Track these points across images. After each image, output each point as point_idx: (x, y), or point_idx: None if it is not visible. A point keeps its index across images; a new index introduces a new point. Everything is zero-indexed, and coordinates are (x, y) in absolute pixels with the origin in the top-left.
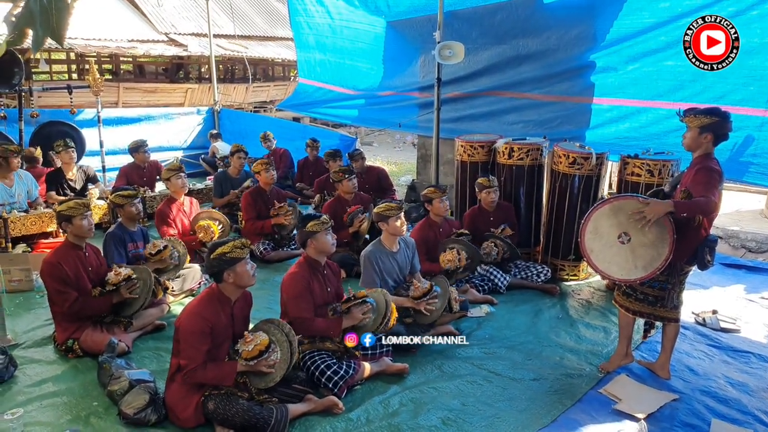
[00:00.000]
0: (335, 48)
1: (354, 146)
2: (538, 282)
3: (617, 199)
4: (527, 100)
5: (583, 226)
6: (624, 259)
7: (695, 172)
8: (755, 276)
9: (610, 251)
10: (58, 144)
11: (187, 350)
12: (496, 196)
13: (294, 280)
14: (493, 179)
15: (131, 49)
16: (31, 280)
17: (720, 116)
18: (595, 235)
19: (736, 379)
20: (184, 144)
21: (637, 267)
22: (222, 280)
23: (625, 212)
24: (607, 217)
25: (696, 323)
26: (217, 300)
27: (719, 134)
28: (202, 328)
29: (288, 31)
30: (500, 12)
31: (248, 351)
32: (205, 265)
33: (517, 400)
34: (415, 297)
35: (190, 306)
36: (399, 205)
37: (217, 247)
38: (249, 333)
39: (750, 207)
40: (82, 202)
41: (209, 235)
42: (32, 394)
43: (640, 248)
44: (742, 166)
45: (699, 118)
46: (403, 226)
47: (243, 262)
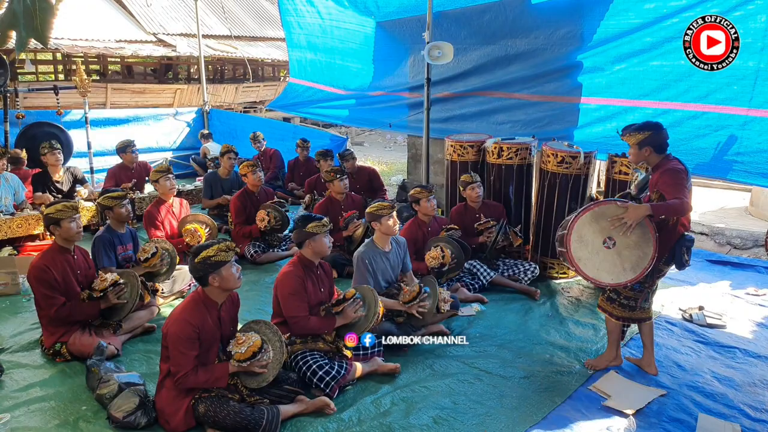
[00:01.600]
0: (326, 48)
1: (345, 146)
2: (526, 280)
3: (596, 205)
4: (516, 100)
5: (567, 236)
6: (612, 263)
7: (660, 175)
8: (740, 272)
9: (597, 257)
10: (44, 146)
11: (176, 357)
12: (481, 191)
13: (289, 279)
14: (475, 175)
15: (119, 49)
16: (18, 284)
17: (652, 129)
18: (580, 243)
19: (723, 374)
20: (174, 145)
21: (625, 269)
22: (207, 283)
23: (606, 217)
24: (589, 224)
25: (683, 319)
26: (203, 304)
27: (657, 145)
28: (189, 335)
29: (277, 31)
30: (489, 12)
31: (241, 353)
32: (189, 269)
33: (508, 398)
34: (405, 301)
35: (176, 312)
36: (391, 204)
37: (201, 250)
38: (240, 334)
39: (735, 204)
40: (70, 204)
41: (196, 239)
42: (19, 399)
43: (625, 250)
44: (727, 164)
45: (634, 135)
46: (395, 226)
47: (228, 265)
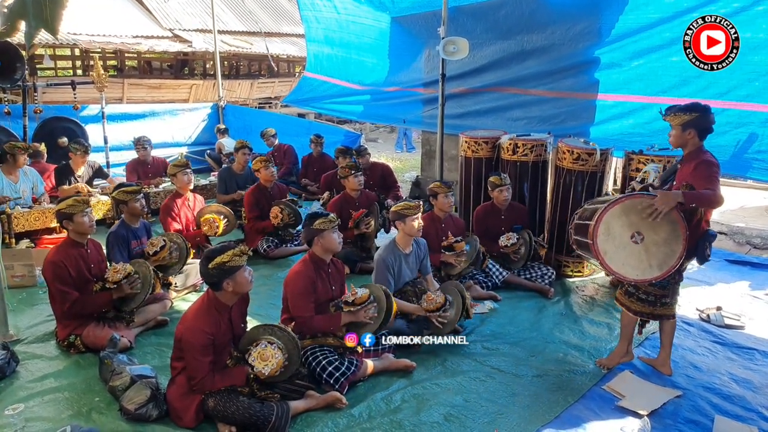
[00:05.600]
0: (342, 42)
1: (359, 142)
2: (543, 284)
3: (627, 198)
4: (532, 96)
5: (595, 228)
6: (638, 259)
7: (695, 167)
8: (760, 272)
9: (623, 252)
10: (76, 147)
11: (191, 363)
12: (509, 195)
13: (298, 278)
14: (505, 177)
15: (136, 45)
16: (34, 276)
17: (699, 111)
18: (607, 236)
19: (740, 375)
20: (189, 140)
21: (651, 266)
22: (221, 288)
23: (636, 211)
24: (618, 217)
25: (700, 320)
26: (215, 309)
27: (702, 129)
28: (204, 343)
29: (293, 27)
30: (505, 7)
31: (264, 374)
32: (201, 274)
33: (520, 396)
34: (428, 310)
35: (189, 318)
36: (418, 205)
37: (214, 255)
38: (262, 347)
39: (755, 203)
40: (81, 199)
41: (213, 229)
42: (34, 390)
43: (653, 247)
44: (747, 162)
45: (679, 116)
46: (419, 227)
47: (242, 269)
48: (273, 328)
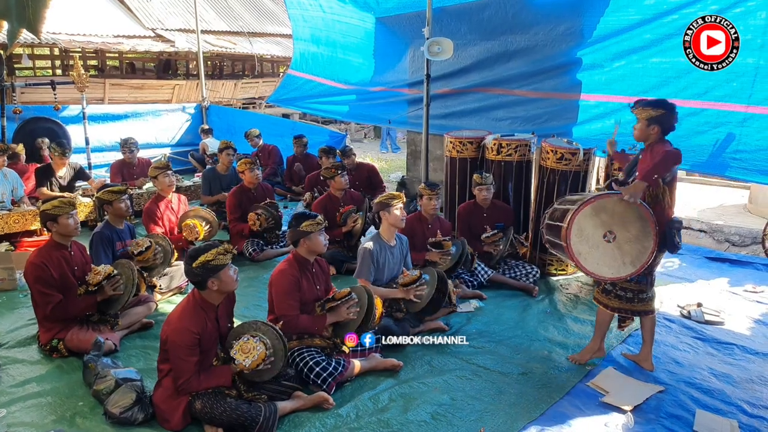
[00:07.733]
0: (329, 41)
1: (344, 143)
2: (527, 282)
3: (596, 198)
4: (515, 96)
5: (567, 230)
6: (612, 257)
7: (654, 155)
8: (739, 269)
9: (597, 252)
10: (55, 149)
11: (177, 364)
12: (489, 194)
13: (282, 277)
14: (486, 177)
15: (117, 44)
16: (15, 279)
17: (666, 109)
18: (580, 237)
19: (720, 370)
20: (172, 141)
21: (625, 263)
22: (206, 287)
23: (607, 210)
24: (590, 217)
25: (681, 316)
26: (200, 309)
27: (666, 126)
28: (189, 343)
29: (276, 27)
30: (489, 8)
31: (246, 366)
32: (186, 273)
33: (506, 394)
34: (403, 284)
35: (175, 318)
36: (400, 195)
37: (199, 254)
38: (244, 340)
39: (734, 201)
40: (67, 200)
41: (194, 234)
42: (16, 395)
43: (626, 244)
44: (725, 161)
45: (647, 110)
46: (403, 217)
47: (227, 268)
48: (257, 323)
